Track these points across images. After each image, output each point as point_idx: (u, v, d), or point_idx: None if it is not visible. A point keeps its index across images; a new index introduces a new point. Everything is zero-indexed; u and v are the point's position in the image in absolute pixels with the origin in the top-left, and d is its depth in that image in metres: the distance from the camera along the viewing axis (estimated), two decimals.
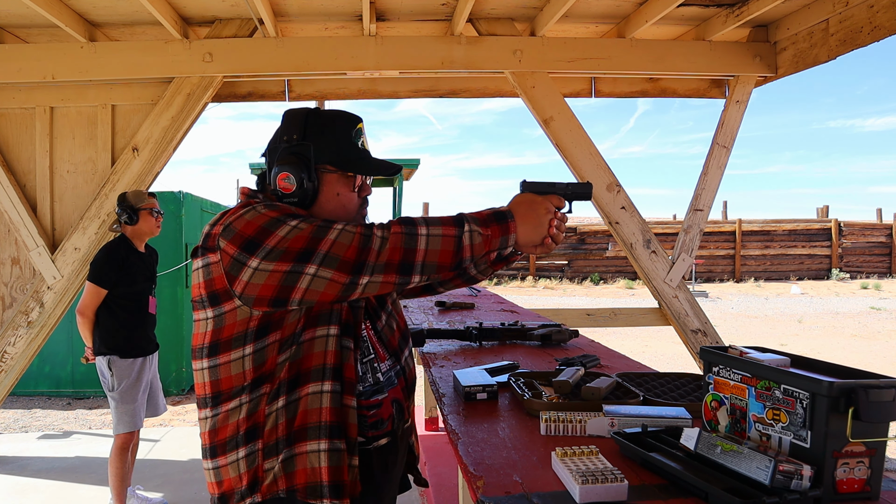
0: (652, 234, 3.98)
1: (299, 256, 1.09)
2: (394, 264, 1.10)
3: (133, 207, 3.05)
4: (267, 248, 1.10)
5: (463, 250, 1.13)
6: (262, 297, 1.11)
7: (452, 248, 1.12)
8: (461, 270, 1.19)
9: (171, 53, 3.68)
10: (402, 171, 11.04)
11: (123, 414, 3.03)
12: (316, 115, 1.29)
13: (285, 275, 1.09)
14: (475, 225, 1.15)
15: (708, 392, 1.15)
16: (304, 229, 1.11)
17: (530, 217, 1.20)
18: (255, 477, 1.17)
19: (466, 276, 1.45)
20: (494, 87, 4.46)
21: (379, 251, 1.10)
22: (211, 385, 1.18)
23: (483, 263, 1.19)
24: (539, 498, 0.96)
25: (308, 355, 1.17)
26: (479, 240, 1.14)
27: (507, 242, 1.17)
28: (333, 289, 1.10)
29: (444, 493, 3.11)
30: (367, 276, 1.10)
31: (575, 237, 18.54)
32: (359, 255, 1.09)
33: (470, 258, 1.14)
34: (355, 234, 1.11)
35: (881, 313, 12.36)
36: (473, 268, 1.26)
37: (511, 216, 1.18)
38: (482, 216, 1.17)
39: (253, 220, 1.13)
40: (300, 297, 1.11)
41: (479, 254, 1.15)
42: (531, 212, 1.20)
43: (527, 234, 1.20)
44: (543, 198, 1.23)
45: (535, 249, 1.24)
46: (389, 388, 1.33)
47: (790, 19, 3.75)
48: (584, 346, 2.17)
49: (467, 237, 1.13)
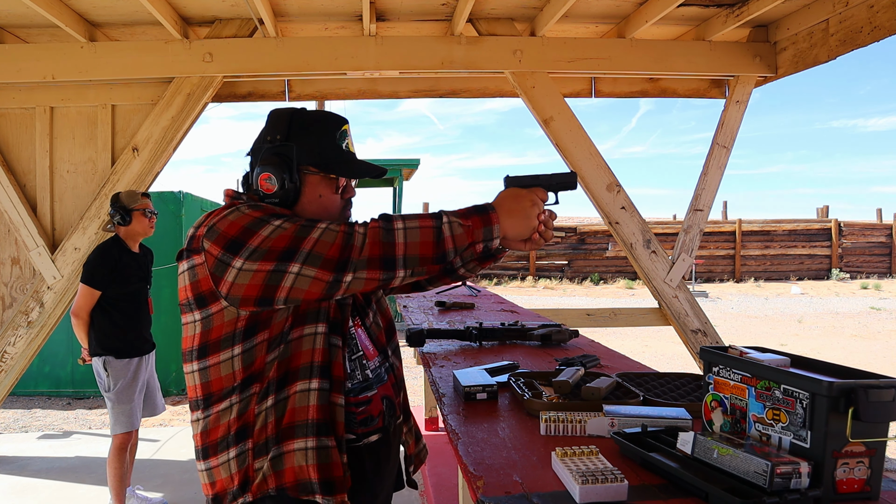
0: (652, 234, 3.98)
1: (283, 255, 1.09)
2: (375, 259, 1.10)
3: (126, 208, 3.04)
4: (250, 248, 1.10)
5: (444, 241, 1.12)
6: (248, 296, 1.11)
7: (432, 239, 1.12)
8: (447, 265, 1.18)
9: (171, 53, 3.68)
10: (403, 171, 11.01)
11: (120, 414, 3.03)
12: (300, 115, 1.29)
13: (269, 274, 1.09)
14: (454, 217, 1.14)
15: (708, 392, 1.15)
16: (288, 228, 1.11)
17: (516, 210, 1.19)
18: (246, 477, 1.17)
19: (454, 273, 1.42)
20: (494, 88, 4.46)
21: (361, 248, 1.09)
22: (202, 387, 1.19)
23: (469, 257, 1.18)
24: (539, 498, 0.96)
25: (296, 354, 1.18)
26: (459, 230, 1.13)
27: (492, 234, 1.15)
28: (318, 287, 1.10)
29: (444, 493, 3.11)
30: (350, 273, 1.09)
31: (575, 237, 18.54)
32: (342, 252, 1.09)
33: (453, 250, 1.13)
34: (338, 233, 1.11)
35: (881, 313, 12.35)
36: (460, 262, 1.25)
37: (492, 208, 1.17)
38: (462, 210, 1.17)
39: (236, 221, 1.13)
40: (285, 295, 1.10)
41: (461, 245, 1.14)
42: (516, 205, 1.20)
43: (514, 227, 1.19)
44: (528, 191, 1.22)
45: (524, 245, 1.23)
46: (379, 384, 1.33)
47: (790, 19, 3.75)
48: (584, 346, 2.17)
49: (447, 228, 1.12)
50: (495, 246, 1.18)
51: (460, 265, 1.39)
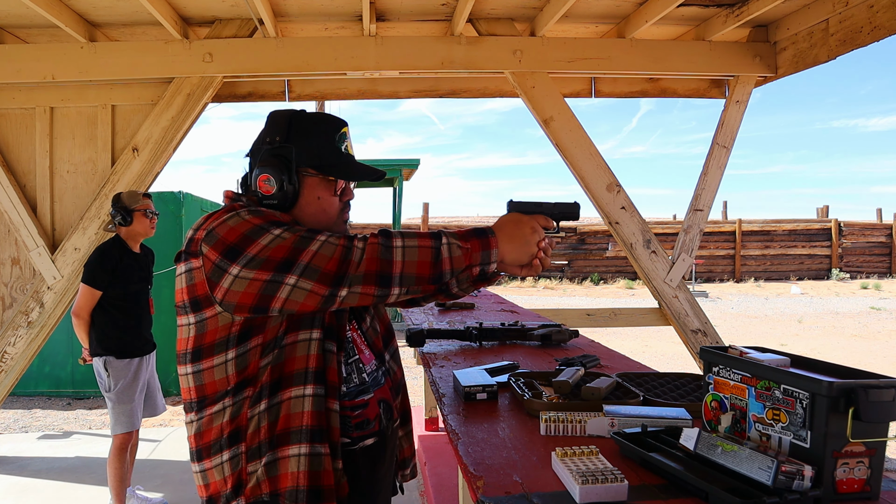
0: (652, 234, 3.98)
1: (280, 266, 1.09)
2: (371, 275, 1.09)
3: (127, 208, 3.04)
4: (248, 256, 1.09)
5: (442, 262, 1.12)
6: (243, 304, 1.11)
7: (430, 259, 1.11)
8: (443, 286, 1.17)
9: (171, 53, 3.68)
10: (402, 172, 11.01)
11: (121, 414, 3.03)
12: (299, 117, 1.29)
13: (265, 283, 1.09)
14: (453, 239, 1.14)
15: (708, 392, 1.15)
16: (287, 239, 1.11)
17: (516, 236, 1.19)
18: (239, 480, 1.17)
19: (448, 292, 1.40)
20: (494, 88, 4.46)
21: (358, 263, 1.09)
22: (196, 390, 1.19)
23: (465, 279, 1.18)
24: (539, 498, 0.96)
25: (290, 359, 1.17)
26: (458, 252, 1.13)
27: (490, 258, 1.15)
28: (313, 300, 1.10)
29: (444, 493, 3.11)
30: (346, 288, 1.09)
31: (575, 237, 18.53)
32: (339, 266, 1.09)
33: (450, 271, 1.13)
34: (337, 247, 1.10)
35: (881, 313, 12.35)
36: (455, 284, 1.24)
37: (492, 232, 1.17)
38: (461, 231, 1.17)
39: (236, 227, 1.12)
40: (280, 306, 1.10)
41: (459, 267, 1.13)
42: (517, 231, 1.19)
43: (514, 252, 1.19)
44: (530, 217, 1.22)
45: (521, 270, 1.23)
46: (376, 388, 1.33)
47: (790, 19, 3.75)
48: (584, 346, 2.17)
49: (446, 249, 1.12)
50: (492, 270, 1.17)
51: (455, 286, 1.40)
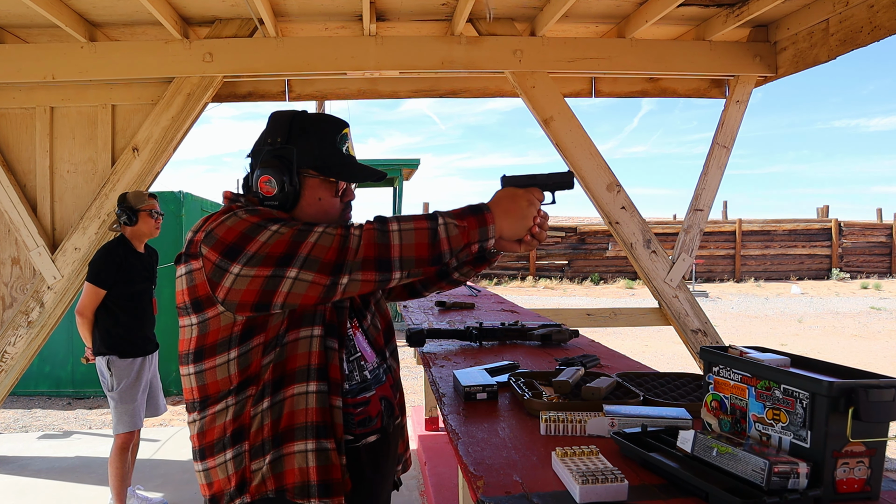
0: (652, 234, 3.98)
1: (280, 261, 1.09)
2: (370, 261, 1.09)
3: (133, 208, 3.05)
4: (248, 254, 1.10)
5: (440, 242, 1.12)
6: (245, 302, 1.11)
7: (428, 241, 1.12)
8: (443, 268, 1.17)
9: (171, 53, 3.68)
10: (403, 171, 11.01)
11: (123, 414, 3.03)
12: (301, 118, 1.29)
13: (267, 279, 1.09)
14: (450, 218, 1.14)
15: (708, 392, 1.15)
16: (285, 234, 1.11)
17: (512, 210, 1.20)
18: (243, 478, 1.17)
19: (448, 277, 1.42)
20: (495, 87, 4.46)
21: (356, 249, 1.10)
22: (198, 390, 1.19)
23: (465, 258, 1.18)
24: (539, 498, 0.96)
25: (292, 356, 1.18)
26: (455, 231, 1.13)
27: (488, 234, 1.16)
28: (315, 291, 1.10)
29: (444, 493, 3.11)
30: (346, 276, 1.09)
31: (575, 237, 18.53)
32: (338, 255, 1.09)
33: (449, 251, 1.13)
34: (335, 236, 1.11)
35: (881, 313, 12.35)
36: (455, 263, 1.24)
37: (487, 208, 1.17)
38: (457, 210, 1.17)
39: (234, 227, 1.13)
40: (282, 300, 1.11)
41: (457, 246, 1.14)
42: (513, 205, 1.20)
43: (511, 227, 1.19)
44: (525, 190, 1.23)
45: (518, 246, 1.24)
46: (377, 385, 1.34)
47: (790, 19, 3.75)
48: (584, 346, 2.17)
49: (442, 229, 1.12)
50: (490, 246, 1.18)
51: (455, 268, 1.39)
